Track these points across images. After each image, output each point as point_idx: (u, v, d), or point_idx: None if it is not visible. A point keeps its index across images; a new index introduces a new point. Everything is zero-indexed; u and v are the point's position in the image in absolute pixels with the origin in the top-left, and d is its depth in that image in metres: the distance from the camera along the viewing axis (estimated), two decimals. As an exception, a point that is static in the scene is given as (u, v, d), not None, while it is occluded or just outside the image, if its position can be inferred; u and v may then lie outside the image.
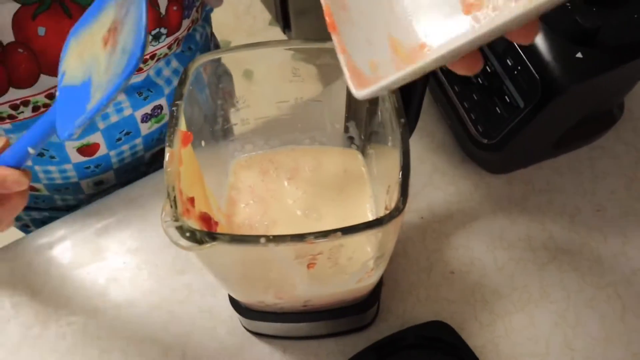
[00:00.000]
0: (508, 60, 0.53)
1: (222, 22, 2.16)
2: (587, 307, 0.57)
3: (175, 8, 0.57)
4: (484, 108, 0.58)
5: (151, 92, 0.63)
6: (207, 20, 0.74)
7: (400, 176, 0.34)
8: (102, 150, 0.64)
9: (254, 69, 0.43)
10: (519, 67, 0.52)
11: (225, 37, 2.12)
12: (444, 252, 0.60)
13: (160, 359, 0.56)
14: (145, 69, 0.61)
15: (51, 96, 0.54)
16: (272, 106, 0.45)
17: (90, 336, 0.57)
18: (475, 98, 0.59)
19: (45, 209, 0.74)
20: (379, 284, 0.53)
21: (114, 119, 0.62)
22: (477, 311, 0.57)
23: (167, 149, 0.35)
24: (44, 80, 0.52)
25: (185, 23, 0.60)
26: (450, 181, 0.64)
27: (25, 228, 0.78)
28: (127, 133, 0.64)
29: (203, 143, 0.42)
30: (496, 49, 0.54)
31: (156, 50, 0.59)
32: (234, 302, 0.50)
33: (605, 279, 0.58)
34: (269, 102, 0.45)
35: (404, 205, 0.33)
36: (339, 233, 0.32)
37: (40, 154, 0.61)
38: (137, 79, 0.61)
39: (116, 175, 0.70)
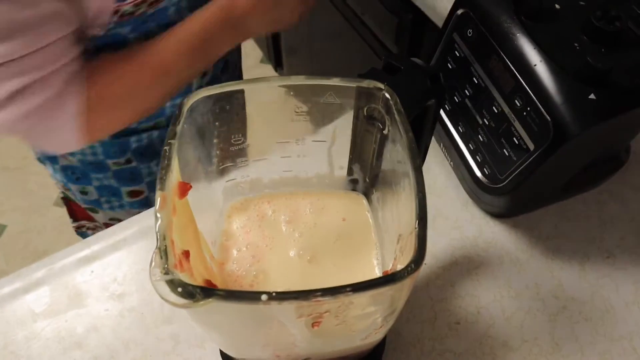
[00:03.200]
0: (516, 101, 0.51)
1: (212, 58, 2.15)
2: (602, 362, 0.53)
3: None
4: (490, 150, 0.55)
5: None
6: None
7: (416, 226, 0.31)
8: None
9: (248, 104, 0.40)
10: (529, 108, 0.50)
11: (215, 73, 2.11)
12: (449, 301, 0.57)
13: (142, 418, 0.51)
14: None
15: None
16: (272, 146, 0.42)
17: (65, 392, 0.52)
18: (481, 139, 0.56)
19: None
20: (384, 337, 0.49)
21: None
22: (485, 366, 0.53)
23: (158, 192, 0.32)
24: None
25: None
26: (453, 226, 0.61)
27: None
28: None
29: (196, 185, 0.39)
30: (503, 89, 0.52)
31: (120, 5, 0.55)
32: (225, 357, 0.46)
33: (618, 331, 0.55)
34: (268, 142, 0.42)
35: (421, 260, 0.30)
36: (349, 290, 0.29)
37: None
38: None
39: None
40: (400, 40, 0.99)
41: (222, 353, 0.46)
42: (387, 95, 0.35)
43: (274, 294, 0.28)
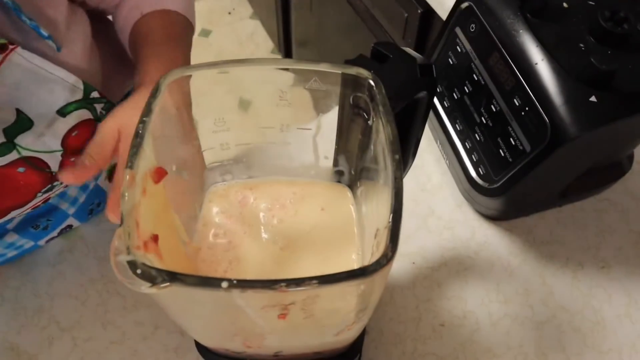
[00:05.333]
0: (515, 100, 0.49)
1: (224, 47, 2.14)
2: (588, 374, 0.52)
3: (72, 159, 0.49)
4: (486, 149, 0.54)
5: (51, 220, 0.56)
6: None
7: (390, 220, 0.29)
8: None
9: (251, 97, 0.39)
10: (527, 108, 0.48)
11: (226, 62, 2.10)
12: (435, 302, 0.55)
13: (113, 402, 0.50)
14: (37, 210, 0.54)
15: None
16: (255, 132, 0.41)
17: (39, 371, 0.52)
18: (478, 138, 0.55)
19: None
20: (362, 334, 0.48)
21: (11, 254, 0.56)
22: (467, 370, 0.52)
23: (127, 170, 0.31)
24: None
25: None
26: (445, 225, 0.60)
27: None
28: (30, 253, 0.59)
29: (174, 167, 0.38)
30: (503, 87, 0.51)
31: (50, 195, 0.52)
32: (199, 346, 0.45)
33: (607, 343, 0.53)
34: (251, 127, 0.41)
35: (392, 254, 0.28)
36: (315, 282, 0.27)
37: None
38: (27, 210, 0.53)
39: None
40: (407, 35, 0.98)
41: (196, 341, 0.45)
42: (372, 84, 0.34)
43: (235, 281, 0.27)
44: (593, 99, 0.46)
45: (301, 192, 0.44)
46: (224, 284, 0.27)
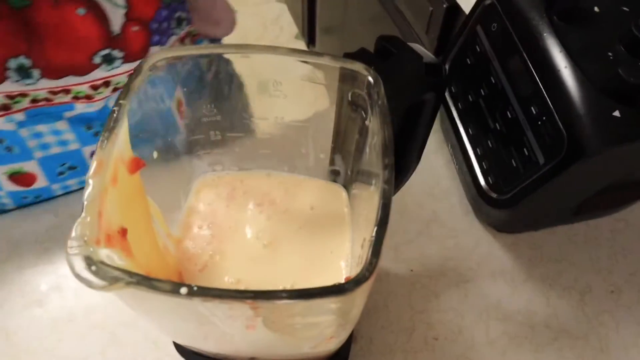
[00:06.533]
0: (533, 108, 0.46)
1: (249, 29, 2.12)
2: (586, 405, 0.49)
3: (136, 29, 0.45)
4: (498, 158, 0.50)
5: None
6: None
7: (374, 233, 0.26)
8: (41, 182, 0.54)
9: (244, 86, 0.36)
10: (544, 118, 0.45)
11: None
12: (430, 314, 0.52)
13: (86, 389, 0.49)
14: (97, 97, 0.49)
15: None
16: (247, 122, 0.39)
17: (15, 348, 0.50)
18: (490, 145, 0.51)
19: None
20: (349, 341, 0.46)
21: (54, 150, 0.52)
22: (457, 389, 0.49)
23: (97, 153, 0.29)
24: None
25: (157, 50, 0.49)
26: (449, 234, 0.57)
27: None
28: (72, 167, 0.55)
29: (155, 155, 0.35)
30: (521, 93, 0.47)
31: (110, 76, 0.48)
32: (176, 344, 0.43)
33: (611, 374, 0.50)
34: (243, 116, 0.38)
35: (373, 269, 0.26)
36: (285, 296, 0.25)
37: None
38: (89, 108, 0.49)
39: None
40: (431, 30, 0.94)
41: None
42: (371, 81, 0.31)
43: (195, 288, 0.25)
44: (617, 113, 0.42)
45: (293, 189, 0.42)
46: (183, 290, 0.25)
